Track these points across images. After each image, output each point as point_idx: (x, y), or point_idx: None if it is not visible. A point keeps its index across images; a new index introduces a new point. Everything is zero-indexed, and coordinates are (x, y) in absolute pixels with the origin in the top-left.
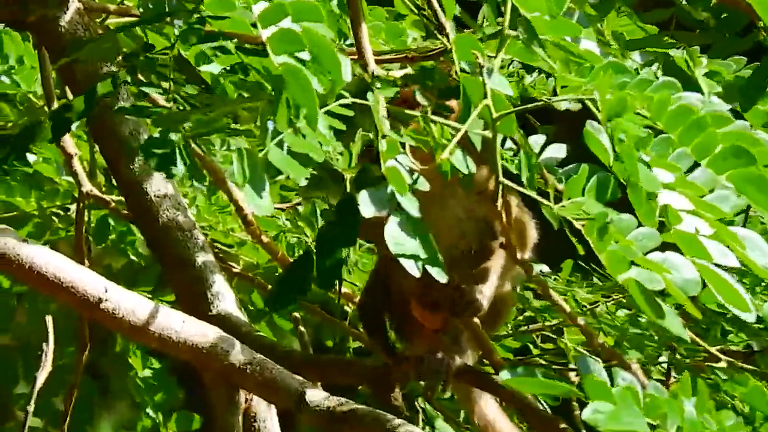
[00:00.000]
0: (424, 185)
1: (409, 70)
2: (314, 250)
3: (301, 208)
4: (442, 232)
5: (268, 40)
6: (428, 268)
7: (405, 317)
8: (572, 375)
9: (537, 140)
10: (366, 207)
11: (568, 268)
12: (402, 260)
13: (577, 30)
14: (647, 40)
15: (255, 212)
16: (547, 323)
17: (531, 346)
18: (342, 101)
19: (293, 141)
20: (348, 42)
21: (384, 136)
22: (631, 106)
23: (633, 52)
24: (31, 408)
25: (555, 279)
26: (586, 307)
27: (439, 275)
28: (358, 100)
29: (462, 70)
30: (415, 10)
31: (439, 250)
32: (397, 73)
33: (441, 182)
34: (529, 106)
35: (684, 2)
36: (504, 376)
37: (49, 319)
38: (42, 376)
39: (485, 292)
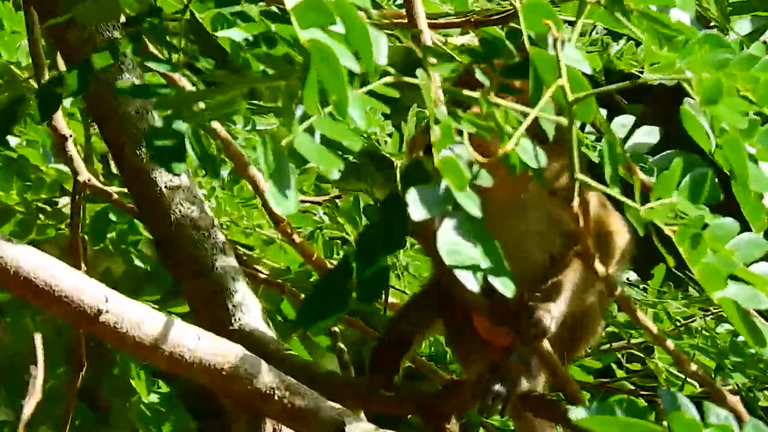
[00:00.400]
0: (486, 180)
1: (471, 37)
2: (354, 256)
3: (340, 201)
4: (508, 240)
5: (292, 10)
6: (492, 280)
7: (463, 335)
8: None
9: (623, 122)
10: (416, 208)
11: (659, 276)
12: (458, 272)
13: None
14: (754, 1)
15: (278, 212)
16: (633, 340)
17: (615, 367)
18: (386, 79)
19: (325, 126)
20: (398, 1)
21: (437, 122)
22: (732, 89)
23: (739, 18)
24: None
25: (644, 289)
26: (680, 322)
27: (506, 288)
28: (406, 78)
29: (531, 42)
30: None
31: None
32: (458, 40)
33: (507, 178)
34: (613, 87)
35: None
36: (576, 414)
37: (37, 336)
38: (30, 404)
39: (554, 312)
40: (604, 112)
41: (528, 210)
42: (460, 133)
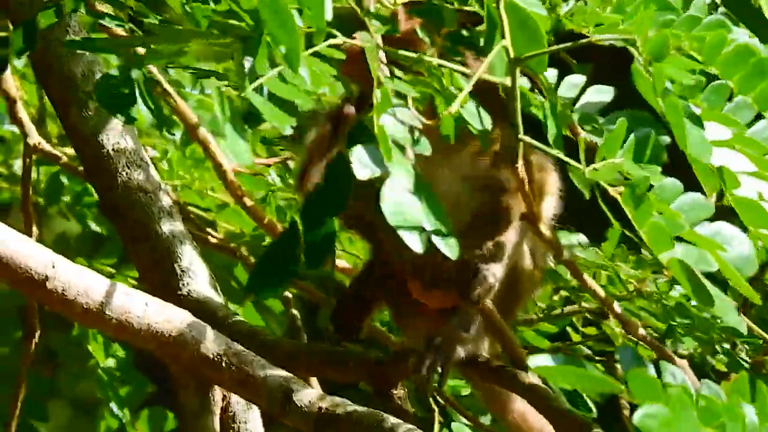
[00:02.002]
0: (426, 149)
1: None
2: (299, 220)
3: (292, 164)
4: (445, 198)
5: None
6: (436, 240)
7: (402, 302)
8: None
9: (574, 81)
10: (360, 167)
11: (614, 239)
12: (402, 233)
13: None
14: None
15: (235, 161)
16: (585, 304)
17: (571, 331)
18: (331, 41)
19: (276, 86)
20: None
21: (380, 84)
22: (676, 47)
23: None
24: None
25: (596, 252)
26: (632, 285)
27: (450, 249)
28: (351, 41)
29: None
30: None
31: None
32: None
33: (440, 137)
34: (562, 46)
35: None
36: (537, 362)
37: None
38: None
39: (496, 271)
40: (554, 72)
41: (462, 166)
42: (404, 96)
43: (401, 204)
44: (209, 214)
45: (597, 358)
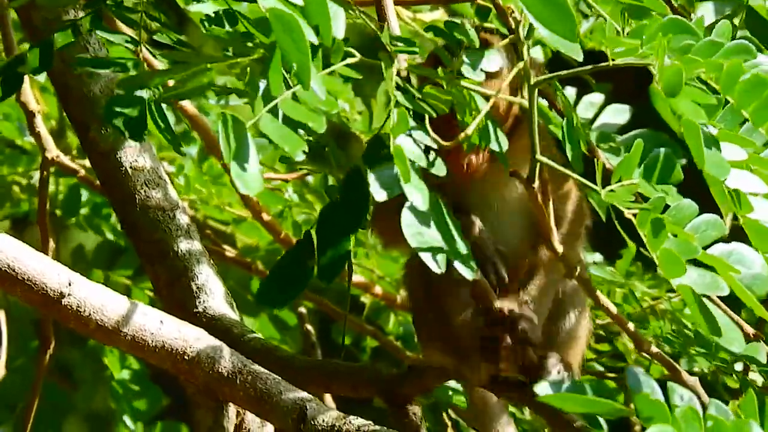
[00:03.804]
0: (441, 170)
1: (442, 14)
2: (315, 236)
3: (311, 179)
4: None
5: None
6: (456, 263)
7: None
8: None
9: (592, 100)
10: (378, 189)
11: (628, 258)
12: (422, 254)
13: None
14: None
15: (242, 191)
16: (599, 321)
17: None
18: (348, 60)
19: (289, 107)
20: None
21: (397, 104)
22: (694, 75)
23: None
24: None
25: (612, 271)
26: (646, 302)
27: (466, 271)
28: (369, 60)
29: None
30: None
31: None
32: (427, 16)
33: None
34: (581, 69)
35: None
36: (542, 390)
37: (1, 313)
38: None
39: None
40: (573, 90)
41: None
42: (422, 117)
43: (418, 225)
44: (227, 227)
45: (610, 375)
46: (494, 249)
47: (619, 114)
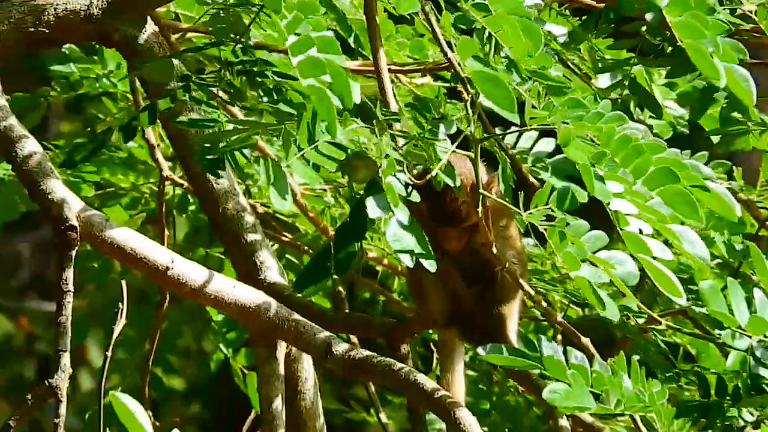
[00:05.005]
0: (416, 197)
1: (428, 79)
2: (333, 243)
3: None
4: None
5: (297, 65)
6: (422, 260)
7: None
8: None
9: (531, 135)
10: (372, 209)
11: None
12: (399, 255)
13: (549, 62)
14: (615, 63)
15: (278, 208)
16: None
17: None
18: (353, 127)
19: (312, 156)
20: None
21: (387, 156)
22: (576, 136)
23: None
24: (109, 353)
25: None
26: (565, 271)
27: (430, 266)
28: (367, 126)
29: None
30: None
31: None
32: (418, 80)
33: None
34: (511, 131)
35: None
36: (482, 352)
37: (123, 282)
38: (118, 328)
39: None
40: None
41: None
42: (401, 163)
43: (399, 234)
44: (289, 218)
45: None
46: None
47: (547, 144)
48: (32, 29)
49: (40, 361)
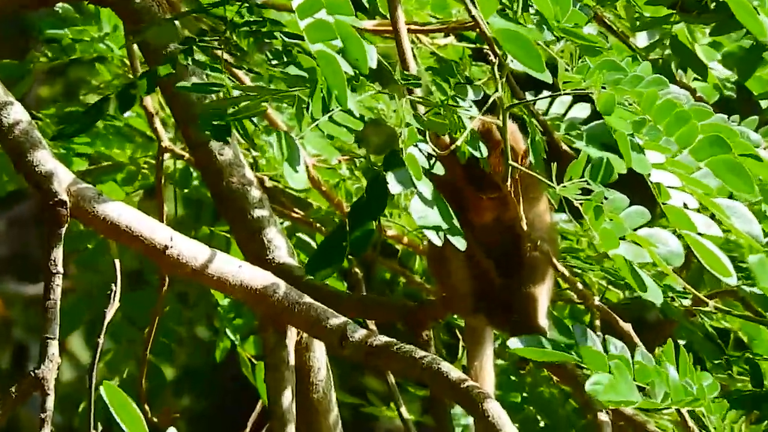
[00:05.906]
0: (439, 170)
1: (452, 39)
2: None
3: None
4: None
5: (305, 29)
6: (450, 237)
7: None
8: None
9: (563, 100)
10: (393, 185)
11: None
12: (426, 231)
13: (582, 19)
14: (654, 20)
15: (291, 185)
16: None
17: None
18: (370, 93)
19: (326, 126)
20: None
21: (407, 125)
22: (619, 103)
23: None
24: (101, 339)
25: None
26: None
27: (459, 243)
28: (384, 92)
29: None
30: None
31: None
32: (441, 41)
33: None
34: (538, 98)
35: None
36: (512, 344)
37: (117, 261)
38: (110, 312)
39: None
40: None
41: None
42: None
43: (425, 210)
44: (301, 193)
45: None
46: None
47: (582, 110)
48: None
49: (16, 349)
